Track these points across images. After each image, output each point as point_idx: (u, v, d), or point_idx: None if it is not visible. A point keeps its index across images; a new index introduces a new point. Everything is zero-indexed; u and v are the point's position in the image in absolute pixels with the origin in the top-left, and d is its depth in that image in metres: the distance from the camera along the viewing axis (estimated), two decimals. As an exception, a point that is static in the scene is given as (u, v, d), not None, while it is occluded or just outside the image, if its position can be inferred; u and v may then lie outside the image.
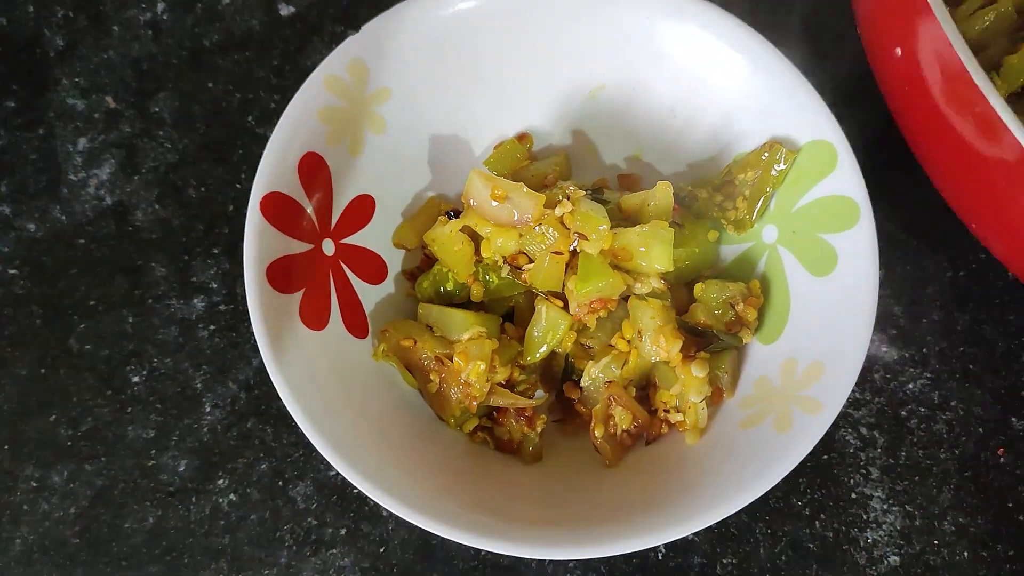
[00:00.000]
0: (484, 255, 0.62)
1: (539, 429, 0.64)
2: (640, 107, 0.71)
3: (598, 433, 0.62)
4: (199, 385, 0.71)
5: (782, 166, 0.65)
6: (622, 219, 0.64)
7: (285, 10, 0.80)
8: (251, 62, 0.79)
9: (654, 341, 0.62)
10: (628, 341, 0.63)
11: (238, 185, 0.75)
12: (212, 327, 0.72)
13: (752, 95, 0.66)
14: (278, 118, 0.62)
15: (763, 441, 0.59)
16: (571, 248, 0.61)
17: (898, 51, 0.63)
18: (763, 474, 0.57)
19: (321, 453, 0.56)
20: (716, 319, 0.64)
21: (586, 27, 0.68)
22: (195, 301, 0.73)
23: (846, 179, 0.62)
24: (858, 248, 0.61)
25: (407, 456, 0.61)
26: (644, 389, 0.65)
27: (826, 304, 0.62)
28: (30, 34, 0.79)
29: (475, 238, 0.63)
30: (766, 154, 0.65)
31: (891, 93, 0.67)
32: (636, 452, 0.64)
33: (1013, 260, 0.66)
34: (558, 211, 0.60)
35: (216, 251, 0.74)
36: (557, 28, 0.68)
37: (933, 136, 0.63)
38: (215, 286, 0.73)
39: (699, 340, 0.64)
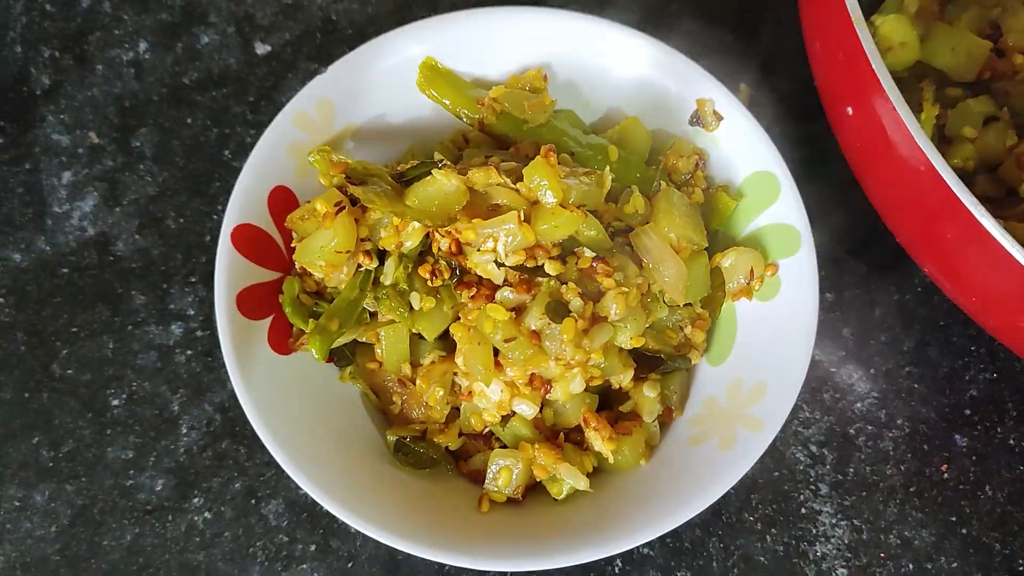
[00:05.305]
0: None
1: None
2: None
3: None
4: (176, 408, 0.74)
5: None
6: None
7: (261, 49, 0.84)
8: (228, 99, 0.82)
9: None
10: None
11: (215, 216, 0.78)
12: (189, 352, 0.75)
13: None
14: (254, 152, 0.66)
15: (708, 458, 0.63)
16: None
17: (849, 110, 0.66)
18: (707, 489, 0.60)
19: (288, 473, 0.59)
20: (665, 343, 0.67)
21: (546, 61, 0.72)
22: (173, 327, 0.76)
23: (788, 208, 0.66)
24: (800, 273, 0.65)
25: (371, 475, 0.64)
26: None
27: (770, 327, 0.65)
28: (17, 73, 0.83)
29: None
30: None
31: (845, 146, 0.71)
32: (590, 469, 0.67)
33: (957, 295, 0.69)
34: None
35: (193, 279, 0.77)
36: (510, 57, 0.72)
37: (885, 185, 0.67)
38: (192, 313, 0.76)
39: (651, 362, 0.67)
